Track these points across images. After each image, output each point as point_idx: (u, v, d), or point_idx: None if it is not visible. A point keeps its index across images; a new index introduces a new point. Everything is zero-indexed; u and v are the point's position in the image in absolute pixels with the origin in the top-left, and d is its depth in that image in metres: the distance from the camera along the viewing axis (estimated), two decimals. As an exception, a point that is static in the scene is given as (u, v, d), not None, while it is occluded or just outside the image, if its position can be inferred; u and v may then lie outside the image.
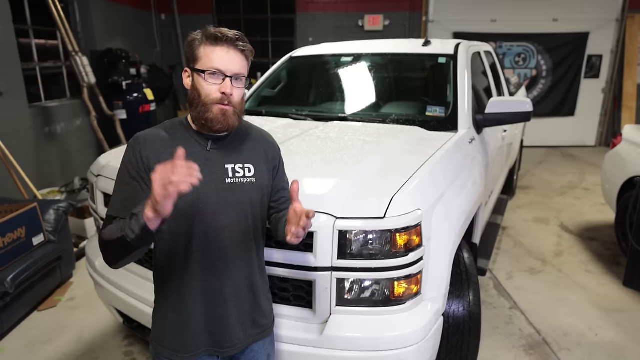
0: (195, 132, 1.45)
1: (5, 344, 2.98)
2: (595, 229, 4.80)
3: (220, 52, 1.37)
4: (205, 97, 1.38)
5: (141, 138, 1.44)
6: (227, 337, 1.51)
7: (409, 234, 1.76)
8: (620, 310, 3.28)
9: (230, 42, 1.37)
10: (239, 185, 1.46)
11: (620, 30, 8.39)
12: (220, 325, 1.50)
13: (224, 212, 1.43)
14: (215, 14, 9.05)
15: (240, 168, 1.47)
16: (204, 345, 1.51)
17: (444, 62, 3.29)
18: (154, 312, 1.57)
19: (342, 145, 2.44)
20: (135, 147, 1.41)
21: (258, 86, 3.70)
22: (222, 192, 1.43)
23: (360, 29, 8.69)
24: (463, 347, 2.19)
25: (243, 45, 1.40)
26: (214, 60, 1.36)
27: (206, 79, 1.37)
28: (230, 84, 1.37)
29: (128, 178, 1.40)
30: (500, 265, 3.98)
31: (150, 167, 1.37)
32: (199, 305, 1.47)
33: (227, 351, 1.52)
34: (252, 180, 1.48)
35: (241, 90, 1.43)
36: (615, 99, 8.69)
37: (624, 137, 4.11)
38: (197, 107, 1.39)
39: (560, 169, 7.31)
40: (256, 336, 1.59)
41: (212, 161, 1.43)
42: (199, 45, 1.39)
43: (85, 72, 5.61)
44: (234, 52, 1.38)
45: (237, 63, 1.39)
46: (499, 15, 8.46)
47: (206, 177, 1.39)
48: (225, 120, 1.39)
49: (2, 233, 3.08)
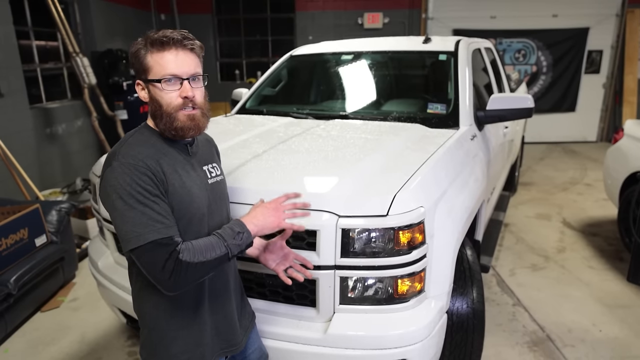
0: (171, 140, 1.41)
1: (8, 345, 2.99)
2: (597, 224, 4.79)
3: (169, 55, 1.31)
4: (167, 106, 1.33)
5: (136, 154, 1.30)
6: (236, 334, 1.54)
7: (412, 231, 1.76)
8: (624, 306, 3.28)
9: (177, 43, 1.31)
10: (217, 184, 1.51)
11: (620, 25, 8.37)
12: (228, 324, 1.52)
13: (216, 211, 1.47)
14: (214, 14, 9.03)
15: (212, 168, 1.52)
16: (215, 349, 1.50)
17: (444, 59, 3.28)
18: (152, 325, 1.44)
19: (343, 143, 2.43)
20: (141, 164, 1.27)
21: (258, 85, 3.70)
22: (210, 192, 1.46)
23: (359, 27, 8.68)
24: (467, 344, 2.19)
25: (191, 43, 1.34)
26: (165, 66, 1.30)
27: (163, 88, 1.31)
28: (190, 86, 1.33)
29: (151, 197, 1.26)
30: (502, 262, 3.97)
31: (163, 180, 1.30)
32: (208, 311, 1.47)
33: (236, 348, 1.55)
34: (222, 177, 1.56)
35: (201, 90, 1.39)
36: (616, 94, 8.68)
37: (626, 132, 4.10)
38: (162, 118, 1.34)
39: (562, 165, 7.30)
40: (249, 325, 1.67)
41: (194, 165, 1.45)
42: (145, 54, 1.32)
43: (85, 73, 5.62)
44: (183, 53, 1.32)
45: (190, 63, 1.34)
46: (498, 12, 8.44)
47: (197, 181, 1.42)
48: (196, 124, 1.36)
49: (5, 234, 3.08)
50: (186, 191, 1.36)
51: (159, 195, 1.28)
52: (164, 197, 1.30)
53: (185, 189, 1.36)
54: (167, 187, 1.32)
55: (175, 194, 1.34)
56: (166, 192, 1.31)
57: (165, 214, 1.27)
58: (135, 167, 1.27)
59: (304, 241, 1.79)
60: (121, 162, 1.28)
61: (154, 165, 1.30)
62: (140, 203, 1.24)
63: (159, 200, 1.27)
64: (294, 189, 1.80)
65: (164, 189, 1.30)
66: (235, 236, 1.32)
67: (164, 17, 8.86)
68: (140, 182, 1.25)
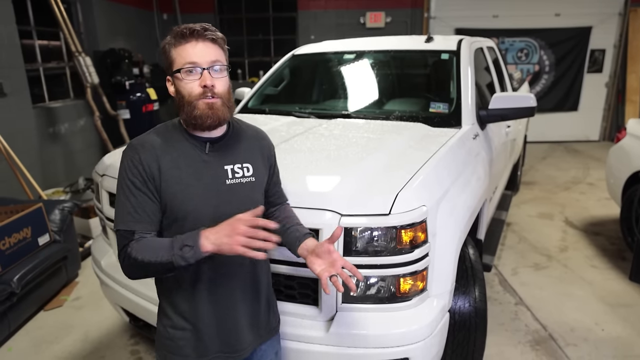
0: (191, 135, 1.42)
1: (12, 344, 3.00)
2: (600, 223, 4.78)
3: (189, 46, 1.34)
4: (189, 95, 1.35)
5: (138, 145, 1.38)
6: (239, 341, 1.50)
7: (415, 230, 1.76)
8: (627, 305, 3.27)
9: (198, 34, 1.34)
10: (239, 186, 1.44)
11: (623, 24, 8.35)
12: (231, 329, 1.48)
13: (226, 213, 1.39)
14: (217, 13, 9.05)
15: (239, 168, 1.46)
16: (215, 350, 1.49)
17: (446, 58, 3.28)
18: (159, 319, 1.54)
19: (345, 142, 2.44)
20: (134, 156, 1.35)
21: (261, 84, 3.70)
22: (223, 193, 1.42)
23: (361, 26, 8.68)
24: (469, 343, 2.19)
25: (212, 33, 1.36)
26: (185, 56, 1.33)
27: (184, 78, 1.34)
28: (209, 75, 1.34)
29: (134, 189, 1.34)
30: (505, 261, 3.97)
31: (154, 175, 1.35)
32: (209, 309, 1.45)
33: (239, 355, 1.51)
34: (251, 179, 1.47)
35: (224, 80, 1.39)
36: (619, 93, 8.65)
37: (629, 131, 4.09)
38: (184, 108, 1.36)
39: (564, 164, 7.28)
40: (266, 336, 1.59)
41: (210, 164, 1.42)
42: (170, 49, 1.36)
43: (88, 73, 5.62)
44: (203, 43, 1.35)
45: (210, 52, 1.35)
46: (500, 11, 8.43)
47: (207, 180, 1.40)
48: (215, 113, 1.36)
49: (8, 233, 3.09)
50: (181, 188, 1.36)
51: (142, 189, 1.34)
52: (149, 191, 1.35)
53: (182, 185, 1.36)
54: (160, 183, 1.35)
55: (168, 191, 1.36)
56: (158, 187, 1.36)
57: (138, 208, 1.34)
58: (132, 158, 1.35)
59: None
60: (127, 148, 1.39)
61: (149, 159, 1.35)
62: (124, 193, 1.35)
63: (140, 194, 1.34)
64: (297, 188, 1.81)
65: (153, 185, 1.35)
66: (182, 247, 1.24)
67: (167, 17, 8.88)
68: (130, 173, 1.34)
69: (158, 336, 1.53)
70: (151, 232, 1.36)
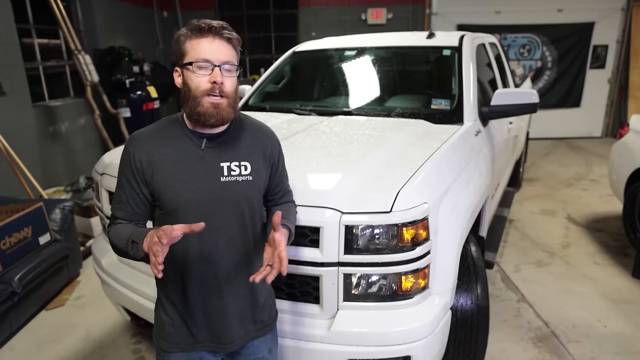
0: (190, 130, 1.43)
1: (14, 343, 3.00)
2: (602, 220, 4.76)
3: (206, 42, 1.34)
4: (195, 89, 1.35)
5: (135, 139, 1.44)
6: (227, 334, 1.51)
7: (416, 227, 1.75)
8: (629, 302, 3.26)
9: (215, 31, 1.34)
10: (234, 184, 1.43)
11: (626, 19, 8.30)
12: (219, 321, 1.49)
13: (218, 211, 1.41)
14: (217, 10, 9.03)
15: (236, 166, 1.44)
16: (204, 340, 1.51)
17: (448, 54, 3.26)
18: (156, 306, 1.59)
19: (347, 139, 2.42)
20: (129, 150, 1.42)
21: (261, 82, 3.68)
22: (217, 190, 1.41)
23: (363, 23, 8.65)
24: (472, 340, 2.18)
25: (229, 33, 1.37)
26: (200, 51, 1.33)
27: (194, 71, 1.34)
28: (220, 73, 1.34)
29: (124, 181, 1.43)
30: (507, 258, 3.96)
31: (143, 169, 1.40)
32: (198, 301, 1.47)
33: (227, 347, 1.52)
34: (248, 178, 1.45)
35: (233, 80, 1.39)
36: (622, 89, 8.61)
37: (631, 127, 4.07)
38: (188, 101, 1.37)
39: (567, 161, 7.26)
40: (256, 332, 1.58)
41: (206, 160, 1.41)
42: (184, 40, 1.36)
43: (88, 71, 5.61)
44: (219, 41, 1.35)
45: (225, 51, 1.36)
46: (502, 7, 8.39)
47: (200, 176, 1.39)
48: (219, 113, 1.36)
49: (9, 233, 3.09)
50: (173, 182, 1.39)
51: (130, 181, 1.42)
52: (136, 184, 1.42)
53: (174, 180, 1.39)
54: (153, 176, 1.40)
55: (160, 184, 1.40)
56: (148, 181, 1.41)
57: (124, 198, 1.44)
58: (127, 151, 1.43)
59: (307, 238, 1.78)
60: (126, 141, 1.47)
61: (140, 154, 1.40)
62: (119, 183, 1.46)
63: (128, 185, 1.43)
64: (297, 186, 1.79)
65: (141, 179, 1.41)
66: (132, 243, 1.34)
67: (167, 14, 8.86)
68: (123, 166, 1.44)
69: (154, 323, 1.59)
70: (131, 222, 1.45)
